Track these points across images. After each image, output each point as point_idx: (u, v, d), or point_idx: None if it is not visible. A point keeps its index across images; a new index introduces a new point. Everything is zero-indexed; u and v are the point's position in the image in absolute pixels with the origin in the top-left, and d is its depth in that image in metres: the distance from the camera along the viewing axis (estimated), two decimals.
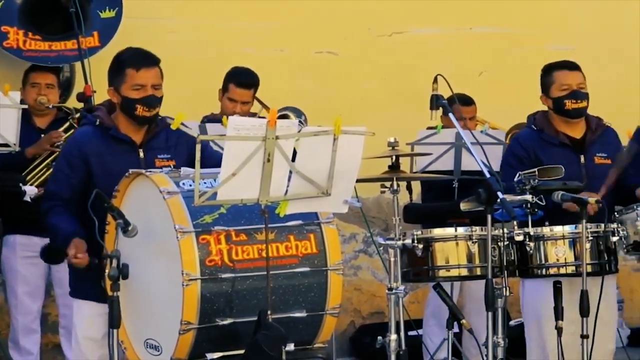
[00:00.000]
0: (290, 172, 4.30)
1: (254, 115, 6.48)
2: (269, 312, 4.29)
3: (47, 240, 5.74)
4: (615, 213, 5.06)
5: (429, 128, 6.58)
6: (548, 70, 5.39)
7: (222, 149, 4.25)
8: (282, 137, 4.22)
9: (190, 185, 4.43)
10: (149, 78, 4.73)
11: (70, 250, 4.59)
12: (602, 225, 4.93)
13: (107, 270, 4.38)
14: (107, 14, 6.96)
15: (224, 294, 4.40)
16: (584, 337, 4.79)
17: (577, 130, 5.36)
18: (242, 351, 4.36)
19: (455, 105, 5.25)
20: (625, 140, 5.49)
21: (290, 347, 4.29)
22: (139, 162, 4.73)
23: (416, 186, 6.91)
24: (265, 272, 4.36)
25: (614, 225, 4.97)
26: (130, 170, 4.58)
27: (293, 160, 4.28)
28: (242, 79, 6.53)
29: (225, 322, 4.39)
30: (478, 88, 7.27)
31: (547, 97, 5.36)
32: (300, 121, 5.95)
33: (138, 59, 4.76)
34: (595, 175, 5.26)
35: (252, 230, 4.46)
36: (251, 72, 6.60)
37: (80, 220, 4.66)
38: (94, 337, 4.75)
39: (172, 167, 4.68)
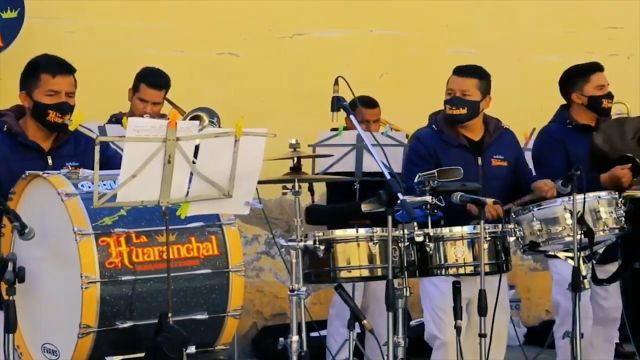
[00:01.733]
0: (191, 173, 4.28)
1: (164, 116, 6.42)
2: (169, 315, 4.26)
3: None
4: (512, 214, 5.15)
5: (333, 129, 6.61)
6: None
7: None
8: (183, 139, 4.20)
9: (90, 187, 4.37)
10: (64, 85, 4.72)
11: None
12: (500, 225, 5.01)
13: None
14: (9, 14, 6.85)
15: (124, 296, 4.36)
16: (481, 335, 4.86)
17: (475, 132, 5.44)
18: (142, 354, 4.32)
19: (359, 108, 5.28)
20: (520, 142, 5.59)
21: (192, 349, 4.26)
22: (47, 169, 4.67)
23: (318, 187, 6.94)
24: (166, 274, 4.32)
25: (511, 226, 5.06)
26: (27, 172, 4.51)
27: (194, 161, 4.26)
28: (154, 79, 6.47)
29: (125, 325, 4.35)
30: (379, 90, 7.33)
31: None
32: (212, 122, 5.91)
33: (54, 65, 4.76)
34: (491, 176, 5.34)
35: (152, 232, 4.43)
36: (163, 73, 6.54)
37: None
38: None
39: (70, 169, 4.62)
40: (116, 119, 6.27)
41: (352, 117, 5.00)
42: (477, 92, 5.39)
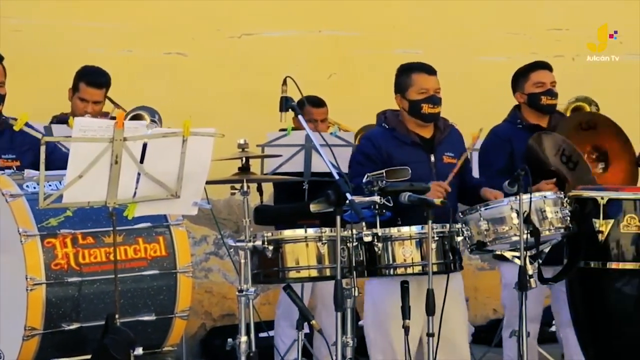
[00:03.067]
0: (139, 174, 4.25)
1: (106, 115, 6.37)
2: (116, 316, 4.23)
3: None
4: (460, 213, 5.18)
5: (282, 130, 6.61)
6: (406, 71, 5.43)
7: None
8: (130, 139, 4.17)
9: (35, 188, 4.33)
10: None
11: None
12: (447, 225, 5.03)
13: None
14: None
15: (71, 298, 4.33)
16: (429, 335, 4.88)
17: (426, 130, 5.46)
18: (89, 356, 4.29)
19: (306, 108, 5.28)
20: (467, 143, 5.62)
21: (139, 351, 4.24)
22: None
23: (267, 188, 6.93)
24: (113, 276, 4.29)
25: (459, 226, 5.08)
26: None
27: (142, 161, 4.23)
28: (93, 78, 6.41)
29: (71, 327, 4.32)
30: (328, 90, 7.34)
31: (403, 98, 5.40)
32: (153, 120, 5.88)
33: None
34: (444, 174, 5.36)
35: (99, 233, 4.40)
36: (102, 71, 6.48)
37: None
38: None
39: (15, 168, 4.57)
40: (58, 120, 6.21)
41: (300, 117, 5.00)
42: (440, 90, 5.42)
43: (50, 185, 4.34)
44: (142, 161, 4.24)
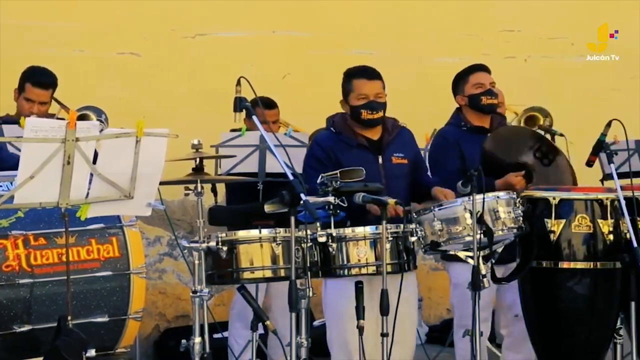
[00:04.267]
0: (92, 174, 4.22)
1: (52, 116, 6.31)
2: (69, 318, 4.20)
3: None
4: (414, 214, 5.20)
5: (233, 130, 6.60)
6: (348, 77, 5.48)
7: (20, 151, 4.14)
8: (83, 139, 4.14)
9: None
10: None
11: None
12: (402, 225, 5.05)
13: None
14: None
15: (22, 300, 4.29)
16: (383, 335, 4.90)
17: (374, 132, 5.48)
18: (40, 358, 4.25)
19: (258, 108, 5.28)
20: (421, 144, 5.65)
21: (92, 352, 4.22)
22: None
23: (221, 188, 6.92)
24: (65, 277, 4.26)
25: (413, 226, 5.10)
26: None
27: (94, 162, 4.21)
28: (39, 78, 6.35)
29: (23, 329, 4.29)
30: (282, 91, 7.34)
31: (345, 103, 5.46)
32: (100, 120, 5.84)
33: None
34: (393, 175, 5.39)
35: (51, 234, 4.37)
36: (48, 72, 6.42)
37: None
38: None
39: None
40: (4, 121, 6.14)
41: (254, 117, 4.99)
42: (384, 93, 5.44)
43: (0, 186, 4.29)
44: (94, 162, 4.21)
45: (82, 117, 5.62)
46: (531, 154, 5.66)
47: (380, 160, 5.42)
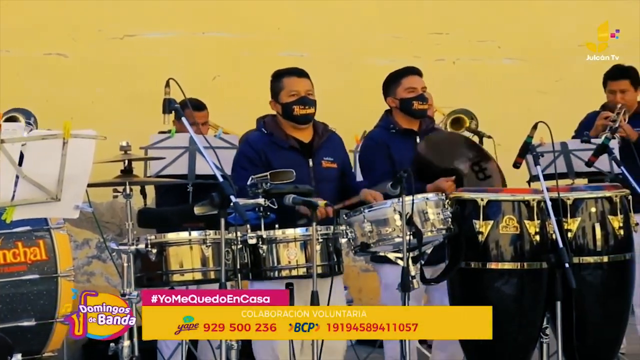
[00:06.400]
0: (17, 176, 4.17)
1: None
2: None
3: None
4: (344, 215, 5.22)
5: (162, 132, 6.55)
6: (278, 77, 5.50)
7: None
8: (8, 141, 4.08)
9: None
10: None
11: None
12: (332, 227, 5.07)
13: None
14: None
15: None
16: None
17: (305, 135, 5.50)
18: None
19: (188, 110, 5.26)
20: (351, 145, 5.68)
21: (18, 357, 4.16)
22: None
23: (150, 190, 6.87)
24: None
25: (343, 227, 5.12)
26: None
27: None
28: None
29: None
30: (212, 92, 7.32)
31: (276, 102, 5.47)
32: (29, 122, 5.77)
33: None
34: (322, 178, 5.40)
35: None
36: None
37: None
38: None
39: None
40: None
41: (184, 119, 4.97)
42: (314, 93, 5.47)
43: None
44: (20, 164, 4.16)
45: (10, 119, 5.55)
46: (468, 164, 5.70)
47: (310, 163, 5.43)
